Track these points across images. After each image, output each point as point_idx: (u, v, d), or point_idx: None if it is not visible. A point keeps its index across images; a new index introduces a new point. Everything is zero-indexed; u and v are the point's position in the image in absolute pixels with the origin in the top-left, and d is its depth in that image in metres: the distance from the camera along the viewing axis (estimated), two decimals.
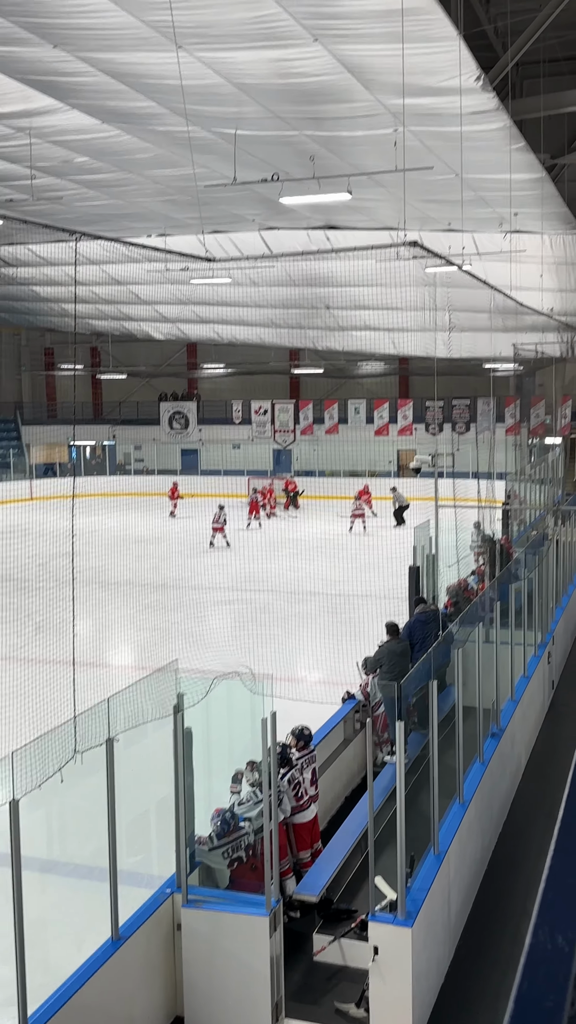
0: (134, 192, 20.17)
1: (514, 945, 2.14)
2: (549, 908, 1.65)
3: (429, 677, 8.07)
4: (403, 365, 40.87)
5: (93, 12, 10.21)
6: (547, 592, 14.58)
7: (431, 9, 9.72)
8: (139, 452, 44.16)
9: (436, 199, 18.82)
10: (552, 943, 1.56)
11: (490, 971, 7.34)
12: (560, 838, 1.88)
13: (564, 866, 1.77)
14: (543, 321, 25.29)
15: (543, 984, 1.49)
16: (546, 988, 1.48)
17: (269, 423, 42.20)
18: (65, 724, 6.74)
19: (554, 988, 1.47)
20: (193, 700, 7.15)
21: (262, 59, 11.51)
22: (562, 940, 1.56)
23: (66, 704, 9.23)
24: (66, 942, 7.60)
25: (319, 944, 7.64)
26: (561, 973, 1.50)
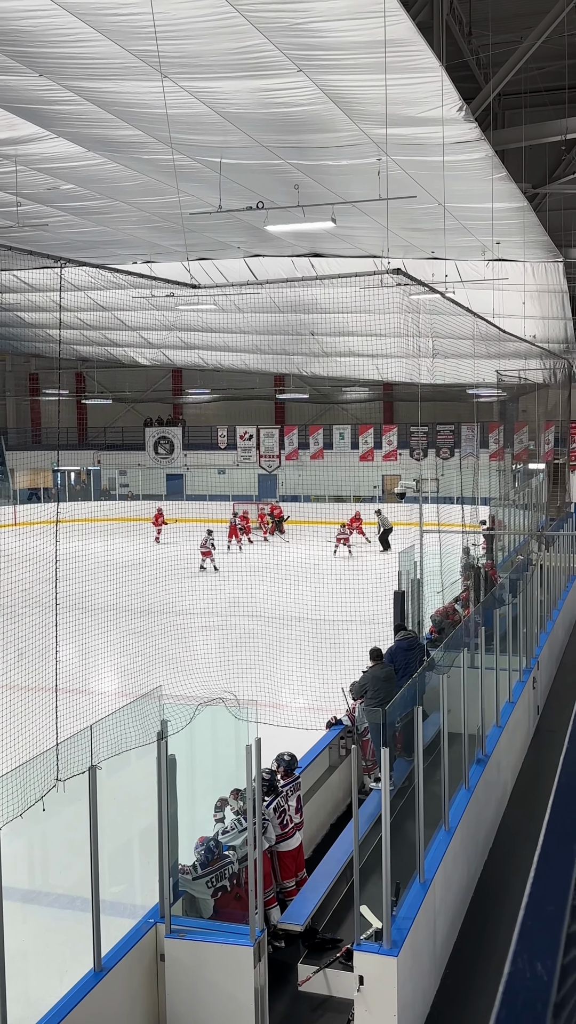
0: (120, 219, 20.28)
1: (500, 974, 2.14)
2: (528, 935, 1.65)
3: (414, 703, 8.05)
4: (387, 391, 41.08)
5: (79, 41, 10.30)
6: (531, 617, 14.60)
7: (414, 41, 9.85)
8: (124, 477, 44.12)
9: (419, 227, 19.00)
10: (531, 971, 1.55)
11: (476, 1001, 7.27)
12: (539, 864, 1.88)
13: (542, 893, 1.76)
14: (526, 348, 25.49)
15: (522, 1013, 1.47)
16: (524, 1017, 1.47)
17: (254, 448, 42.27)
18: (47, 752, 6.69)
19: (532, 1017, 1.46)
20: (177, 727, 7.10)
21: (246, 89, 11.63)
22: (540, 967, 1.55)
23: (48, 731, 9.16)
24: (48, 973, 7.50)
25: (304, 974, 7.57)
26: (540, 1001, 1.49)
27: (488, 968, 7.68)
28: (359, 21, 9.36)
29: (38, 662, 11.22)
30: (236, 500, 37.81)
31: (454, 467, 32.50)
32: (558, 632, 17.69)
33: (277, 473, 41.84)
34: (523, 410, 33.23)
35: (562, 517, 27.04)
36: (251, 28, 9.63)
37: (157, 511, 35.13)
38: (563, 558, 20.54)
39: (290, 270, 24.58)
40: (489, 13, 18.00)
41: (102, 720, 6.76)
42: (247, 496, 40.01)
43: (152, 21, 9.14)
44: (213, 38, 10.02)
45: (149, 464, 43.67)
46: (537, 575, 15.75)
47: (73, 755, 6.52)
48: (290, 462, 41.56)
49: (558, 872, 1.86)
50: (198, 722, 7.39)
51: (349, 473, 38.87)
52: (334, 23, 9.55)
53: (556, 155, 22.56)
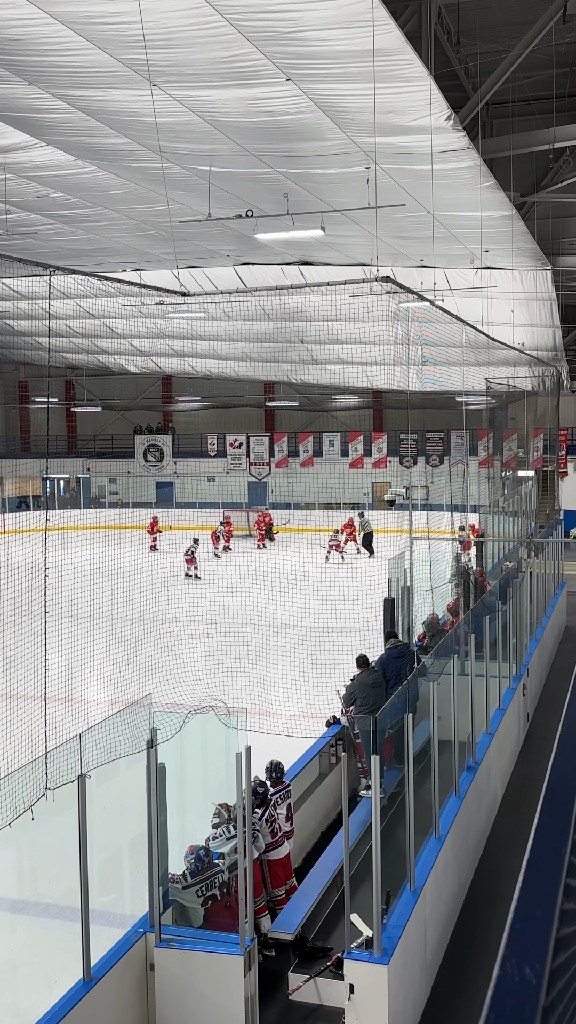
0: (109, 227, 20.28)
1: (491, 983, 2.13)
2: (517, 939, 1.65)
3: (404, 711, 8.05)
4: (377, 398, 41.15)
5: (68, 50, 10.31)
6: (521, 624, 14.62)
7: (402, 50, 9.89)
8: (113, 485, 44.04)
9: (408, 236, 19.05)
10: (520, 975, 1.55)
11: (467, 1008, 7.26)
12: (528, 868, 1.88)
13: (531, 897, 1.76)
14: (515, 355, 25.57)
15: (510, 1017, 1.47)
16: (513, 1021, 1.47)
17: (244, 456, 42.27)
18: (36, 760, 6.66)
19: (521, 1021, 1.46)
20: (167, 735, 7.08)
21: (235, 97, 11.65)
22: (529, 972, 1.55)
23: (37, 740, 9.11)
24: (37, 983, 7.45)
25: (294, 983, 7.54)
26: (529, 1005, 1.49)
27: (479, 976, 7.66)
28: (348, 30, 9.40)
29: (27, 671, 11.17)
30: (226, 508, 37.80)
31: (444, 474, 32.55)
32: (548, 639, 17.72)
33: (267, 481, 41.84)
34: (512, 417, 33.29)
35: (551, 524, 27.10)
36: (240, 37, 9.65)
37: (152, 519, 35.08)
38: (552, 565, 20.59)
39: (279, 278, 24.61)
40: (477, 22, 18.08)
41: (91, 728, 6.74)
42: (237, 504, 40.00)
43: (141, 30, 9.16)
44: (202, 47, 10.05)
45: (139, 472, 43.62)
46: (527, 582, 15.77)
47: (62, 764, 6.49)
48: (280, 469, 41.58)
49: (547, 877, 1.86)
50: (188, 730, 7.37)
51: (339, 480, 38.90)
52: (323, 32, 9.58)
53: (544, 164, 22.66)
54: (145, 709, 7.33)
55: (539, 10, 16.10)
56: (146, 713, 7.29)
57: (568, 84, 19.29)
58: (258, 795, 8.26)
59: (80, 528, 33.68)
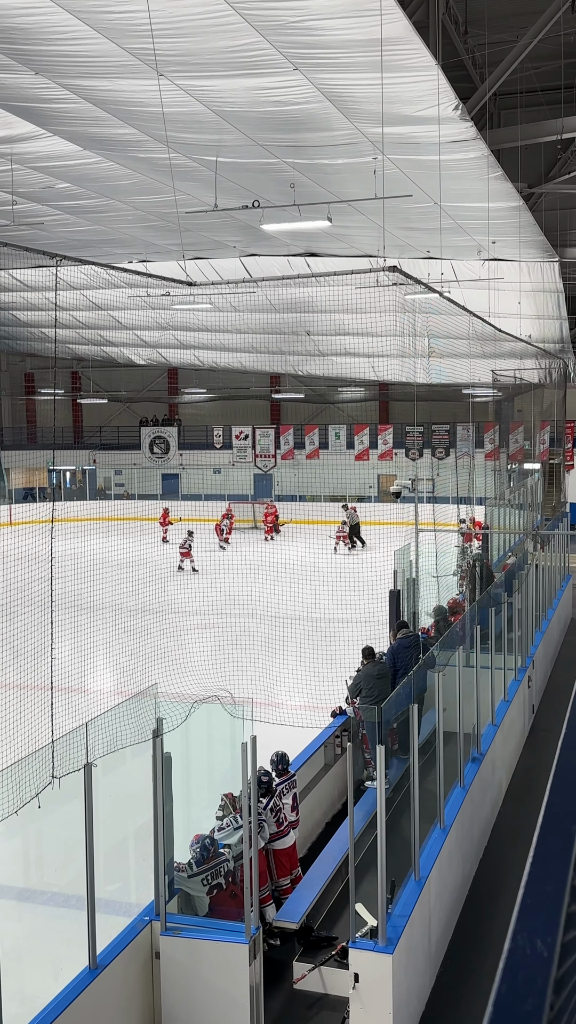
0: (115, 218, 20.26)
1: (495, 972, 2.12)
2: (527, 913, 1.66)
3: (410, 702, 8.05)
4: (383, 390, 41.10)
5: (75, 39, 10.29)
6: (527, 616, 14.62)
7: (410, 39, 9.85)
8: (120, 477, 44.06)
9: (415, 227, 19.01)
10: (531, 948, 1.56)
11: (471, 998, 7.28)
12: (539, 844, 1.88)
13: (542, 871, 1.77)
14: (521, 347, 25.51)
15: (522, 989, 1.49)
16: (525, 992, 1.48)
17: (250, 448, 42.26)
18: (42, 749, 6.68)
19: (533, 992, 1.47)
20: (172, 725, 7.10)
21: (242, 87, 11.62)
22: (540, 945, 1.56)
23: (44, 729, 9.15)
24: (43, 971, 7.48)
25: (299, 972, 7.57)
26: (540, 977, 1.50)
27: (483, 965, 7.68)
28: (355, 19, 9.37)
29: (33, 661, 11.20)
30: (232, 500, 37.80)
31: (450, 467, 32.51)
32: (553, 631, 17.71)
33: (273, 473, 41.83)
34: (519, 410, 33.26)
35: (557, 516, 27.07)
36: (247, 26, 9.62)
37: (163, 510, 35.08)
38: (558, 557, 20.57)
39: (286, 269, 24.58)
40: (485, 12, 18.02)
41: (97, 718, 6.75)
42: (243, 496, 40.00)
43: (148, 19, 9.14)
44: (209, 36, 10.02)
45: (145, 464, 43.64)
46: (532, 574, 15.76)
47: (68, 753, 6.51)
48: (286, 461, 41.56)
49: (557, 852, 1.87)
50: (194, 720, 7.39)
51: (345, 473, 38.86)
52: (330, 21, 9.55)
53: (552, 155, 22.59)
54: (151, 699, 7.35)
55: (547, 1, 16.03)
56: (152, 703, 7.30)
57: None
58: (262, 784, 8.29)
59: (86, 520, 33.75)
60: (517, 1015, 1.42)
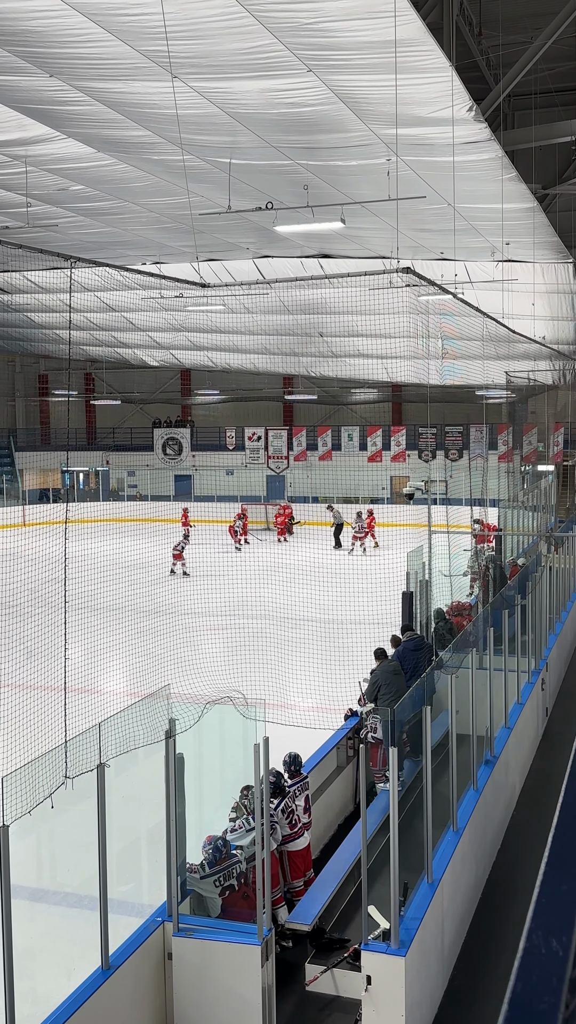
0: (129, 220, 20.30)
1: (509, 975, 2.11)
2: (543, 912, 1.65)
3: (422, 704, 8.04)
4: (396, 392, 41.06)
5: (89, 42, 10.32)
6: (540, 619, 14.57)
7: (424, 40, 9.84)
8: (132, 478, 44.15)
9: (429, 228, 18.98)
10: (546, 946, 1.55)
11: (484, 1002, 7.25)
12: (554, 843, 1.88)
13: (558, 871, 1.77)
14: (535, 349, 25.46)
15: (537, 987, 1.48)
16: (540, 990, 1.48)
17: (263, 449, 42.29)
18: (56, 750, 6.70)
19: (548, 990, 1.47)
20: (185, 725, 7.11)
21: (256, 89, 11.63)
22: (556, 944, 1.55)
23: (57, 730, 9.17)
24: (55, 971, 7.51)
25: (311, 974, 7.56)
26: (556, 976, 1.50)
27: (496, 969, 7.66)
28: (369, 21, 9.36)
29: (47, 661, 11.24)
30: (244, 501, 37.82)
31: (463, 468, 32.46)
32: (567, 634, 17.64)
33: (285, 474, 41.84)
34: (532, 411, 33.19)
35: (571, 519, 26.97)
36: (261, 28, 9.63)
37: (183, 511, 35.14)
38: (572, 559, 20.50)
39: (299, 271, 24.58)
40: (499, 14, 17.98)
41: (110, 718, 6.77)
42: (255, 497, 40.02)
43: (162, 21, 9.15)
44: (223, 38, 10.03)
45: (158, 465, 43.72)
46: (546, 576, 15.71)
47: (81, 753, 6.52)
48: (298, 463, 41.56)
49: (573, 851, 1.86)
50: (206, 721, 7.39)
51: (358, 474, 38.83)
52: (344, 23, 9.55)
53: (566, 156, 22.51)
54: (163, 700, 7.36)
55: (562, 1, 15.99)
56: (164, 704, 7.31)
57: None
58: (272, 784, 8.29)
59: (99, 521, 33.85)
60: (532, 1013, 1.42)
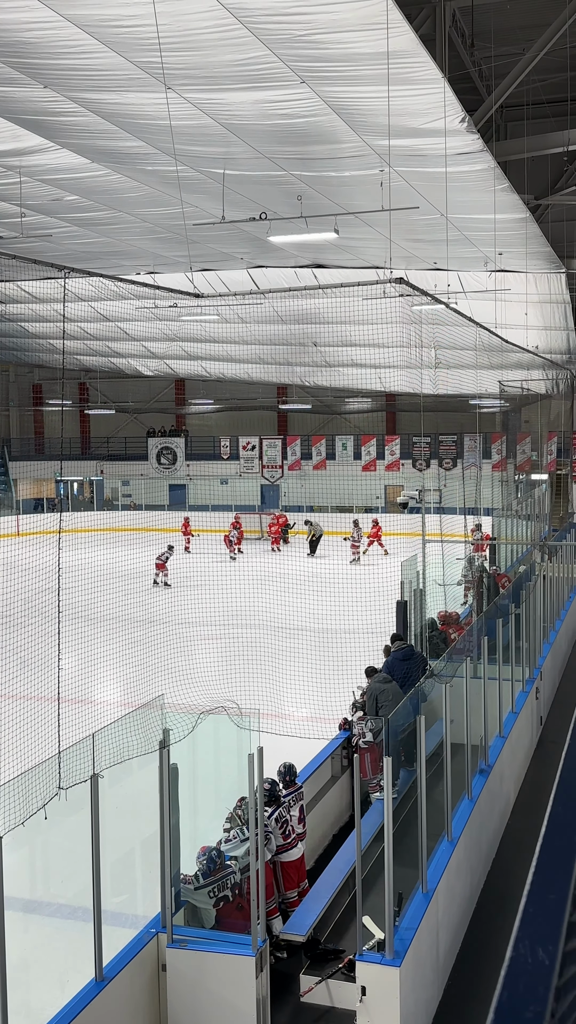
0: (123, 230, 20.35)
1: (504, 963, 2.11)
2: (530, 922, 1.66)
3: (416, 713, 8.04)
4: (390, 401, 41.12)
5: (83, 53, 10.36)
6: (534, 627, 14.58)
7: (416, 52, 9.90)
8: (127, 487, 44.13)
9: (422, 238, 19.05)
10: (532, 956, 1.56)
11: (479, 1012, 7.24)
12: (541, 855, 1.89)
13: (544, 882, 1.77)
14: (528, 358, 25.51)
15: (523, 996, 1.49)
16: (527, 999, 1.48)
17: (257, 458, 42.30)
18: (49, 760, 6.68)
19: (535, 999, 1.48)
20: (179, 736, 7.09)
21: (250, 100, 11.68)
22: (542, 953, 1.56)
23: (50, 741, 9.14)
24: (49, 983, 7.48)
25: (306, 985, 7.53)
26: (542, 985, 1.51)
27: (491, 978, 7.63)
28: (362, 33, 9.41)
29: (40, 672, 11.21)
30: (239, 510, 37.83)
31: (457, 477, 32.50)
32: (561, 643, 17.65)
33: (280, 483, 41.86)
34: (526, 421, 33.23)
35: (565, 528, 27.02)
36: (254, 40, 9.68)
37: (184, 520, 35.12)
38: (566, 568, 20.53)
39: (293, 281, 24.64)
40: (492, 25, 18.06)
41: (104, 729, 6.75)
42: (250, 506, 40.04)
43: (156, 33, 9.19)
44: (217, 50, 10.08)
45: (152, 474, 43.71)
46: (540, 585, 15.73)
47: (75, 764, 6.51)
48: (293, 472, 41.59)
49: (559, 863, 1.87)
50: (200, 731, 7.38)
51: (352, 484, 38.86)
52: (337, 35, 9.60)
53: (558, 167, 22.61)
54: (158, 710, 7.35)
55: (554, 12, 16.09)
56: (159, 714, 7.30)
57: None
58: (267, 792, 8.27)
59: (93, 531, 33.83)
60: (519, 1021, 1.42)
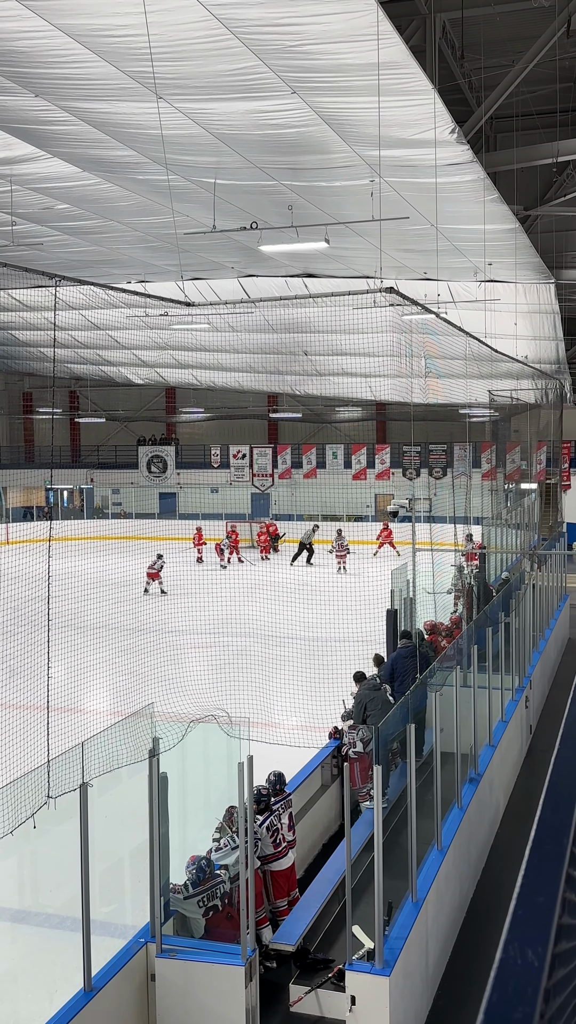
0: (114, 239, 20.36)
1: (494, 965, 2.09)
2: (519, 924, 1.67)
3: (407, 721, 8.04)
4: (380, 410, 41.21)
5: (74, 62, 10.38)
6: (524, 636, 14.61)
7: (407, 64, 9.95)
8: (117, 496, 44.08)
9: (412, 248, 19.12)
10: (522, 958, 1.57)
11: (468, 1021, 7.23)
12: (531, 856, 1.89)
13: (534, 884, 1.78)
14: (518, 368, 25.60)
15: (513, 998, 1.50)
16: (516, 1000, 1.49)
17: (247, 467, 42.31)
18: (38, 769, 6.66)
19: (523, 1000, 1.49)
20: (169, 744, 7.08)
21: (241, 110, 11.72)
22: (532, 955, 1.57)
23: (40, 749, 9.11)
24: (38, 994, 7.43)
25: (295, 994, 7.51)
26: (531, 987, 1.52)
27: (481, 987, 7.61)
28: (353, 44, 9.46)
29: (30, 680, 11.18)
30: (229, 519, 37.82)
31: (447, 486, 32.56)
32: (551, 651, 17.69)
33: (270, 492, 41.87)
34: (515, 430, 33.32)
35: (554, 537, 27.08)
36: (246, 50, 9.71)
37: (197, 530, 35.05)
38: (555, 577, 20.58)
39: (283, 290, 24.68)
40: (481, 37, 18.19)
41: (93, 737, 6.74)
42: (240, 515, 40.04)
43: (148, 43, 9.22)
44: (208, 60, 10.11)
45: (142, 483, 43.68)
46: (529, 594, 15.76)
47: (64, 772, 6.49)
48: (283, 481, 41.61)
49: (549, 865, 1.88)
50: (190, 740, 7.38)
51: (342, 492, 38.91)
52: (328, 46, 9.64)
53: (547, 177, 22.74)
54: (147, 719, 7.34)
55: (543, 25, 16.21)
56: (148, 723, 7.29)
57: (571, 98, 19.40)
58: (262, 800, 8.26)
59: (83, 539, 33.75)
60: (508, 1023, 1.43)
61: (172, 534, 35.34)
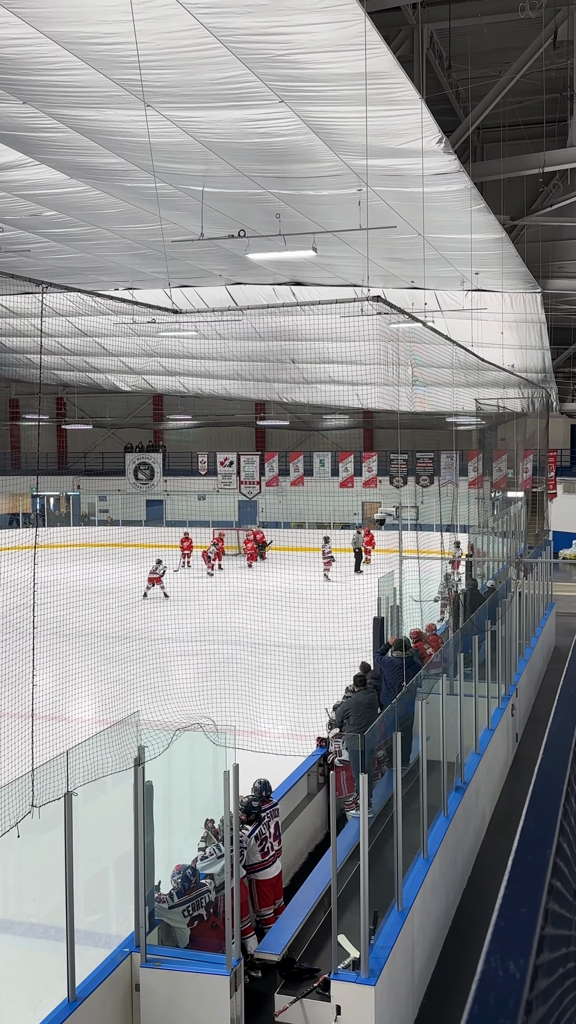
0: (102, 246, 20.36)
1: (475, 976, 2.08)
2: (500, 935, 1.67)
3: (393, 729, 8.04)
4: (367, 418, 41.28)
5: (63, 69, 10.38)
6: (510, 644, 14.63)
7: (394, 73, 9.99)
8: (104, 503, 44.00)
9: (399, 257, 19.18)
10: (503, 969, 1.57)
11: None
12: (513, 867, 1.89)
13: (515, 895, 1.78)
14: (504, 377, 25.69)
15: (494, 1009, 1.50)
16: (496, 1012, 1.49)
17: (235, 474, 42.30)
18: (22, 778, 6.63)
19: (504, 1012, 1.49)
20: (154, 753, 7.06)
21: (229, 119, 11.74)
22: (513, 967, 1.57)
23: (24, 758, 9.07)
24: (21, 1004, 7.38)
25: (281, 1004, 7.48)
26: (512, 998, 1.52)
27: (466, 997, 7.61)
28: (341, 53, 9.49)
29: (14, 688, 11.12)
30: (216, 526, 37.79)
31: (433, 494, 32.64)
32: (537, 659, 17.72)
33: (257, 499, 41.87)
34: (502, 438, 33.43)
35: (540, 545, 27.15)
36: (234, 59, 9.74)
37: (184, 536, 35.01)
38: (541, 585, 20.63)
39: (271, 298, 24.72)
40: (469, 48, 18.28)
41: (78, 746, 6.71)
42: (227, 522, 40.01)
43: (136, 51, 9.23)
44: (196, 68, 10.13)
45: (129, 490, 43.60)
46: (516, 602, 15.79)
47: (49, 781, 6.46)
48: (270, 488, 41.61)
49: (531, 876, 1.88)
50: (176, 748, 7.35)
51: (330, 500, 38.93)
52: (316, 55, 9.67)
53: (534, 188, 22.85)
54: (133, 727, 7.31)
55: (530, 36, 16.31)
56: (134, 731, 7.26)
57: (558, 109, 19.50)
58: (253, 810, 8.24)
59: (70, 546, 33.64)
60: None
61: (159, 541, 35.30)
